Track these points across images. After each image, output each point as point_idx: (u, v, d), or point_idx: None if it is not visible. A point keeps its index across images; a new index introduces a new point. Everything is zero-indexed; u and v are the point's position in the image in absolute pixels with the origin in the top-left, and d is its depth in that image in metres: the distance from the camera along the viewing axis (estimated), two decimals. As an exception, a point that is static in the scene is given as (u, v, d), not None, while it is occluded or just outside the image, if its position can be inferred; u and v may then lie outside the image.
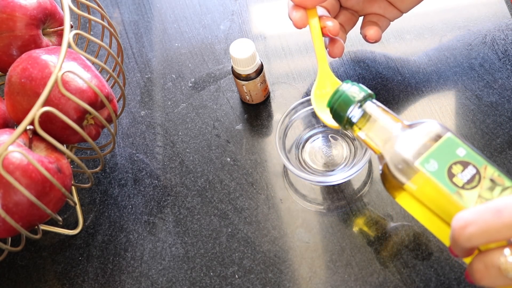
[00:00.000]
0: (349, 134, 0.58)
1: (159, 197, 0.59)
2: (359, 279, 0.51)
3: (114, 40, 0.68)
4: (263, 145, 0.60)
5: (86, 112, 0.50)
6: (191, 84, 0.66)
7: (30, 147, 0.48)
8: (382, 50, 0.64)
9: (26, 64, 0.49)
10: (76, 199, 0.59)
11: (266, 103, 0.63)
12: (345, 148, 0.58)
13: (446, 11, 0.65)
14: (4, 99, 0.53)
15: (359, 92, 0.45)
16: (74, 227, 0.58)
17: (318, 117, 0.54)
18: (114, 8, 0.74)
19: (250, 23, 0.69)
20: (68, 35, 0.47)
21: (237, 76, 0.59)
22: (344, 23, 0.58)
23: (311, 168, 0.57)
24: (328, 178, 0.54)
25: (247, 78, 0.58)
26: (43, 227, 0.57)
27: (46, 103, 0.46)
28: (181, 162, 0.60)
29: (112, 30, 0.55)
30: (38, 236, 0.51)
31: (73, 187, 0.59)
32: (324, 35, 0.54)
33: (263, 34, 0.68)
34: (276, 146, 0.55)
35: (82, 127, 0.51)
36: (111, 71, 0.53)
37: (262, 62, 0.59)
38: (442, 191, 0.39)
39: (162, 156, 0.61)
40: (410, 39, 0.64)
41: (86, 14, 0.51)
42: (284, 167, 0.58)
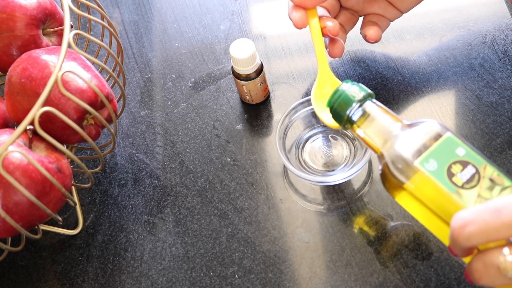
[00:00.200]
0: (349, 134, 0.58)
1: (159, 197, 0.59)
2: (359, 279, 0.51)
3: (114, 40, 0.68)
4: (263, 145, 0.60)
5: (86, 112, 0.50)
6: (191, 84, 0.66)
7: (30, 147, 0.48)
8: (382, 50, 0.64)
9: (26, 64, 0.49)
10: (76, 199, 0.59)
11: (266, 103, 0.63)
12: (345, 148, 0.58)
13: (446, 11, 0.65)
14: (4, 99, 0.53)
15: (359, 92, 0.45)
16: (74, 227, 0.58)
17: (318, 117, 0.54)
18: (114, 8, 0.74)
19: (250, 23, 0.69)
20: (68, 35, 0.47)
21: (237, 76, 0.59)
22: (344, 23, 0.58)
23: (311, 168, 0.57)
24: (328, 178, 0.54)
25: (247, 78, 0.58)
26: (43, 227, 0.57)
27: (46, 103, 0.46)
28: (181, 162, 0.60)
29: (112, 30, 0.55)
30: (38, 236, 0.51)
31: (73, 187, 0.59)
32: (324, 35, 0.54)
33: (263, 34, 0.68)
34: (276, 146, 0.55)
35: (82, 127, 0.51)
36: (111, 71, 0.53)
37: (262, 62, 0.59)
38: (442, 190, 0.39)
39: (162, 156, 0.61)
40: (410, 39, 0.64)
41: (86, 14, 0.51)
42: (284, 167, 0.58)
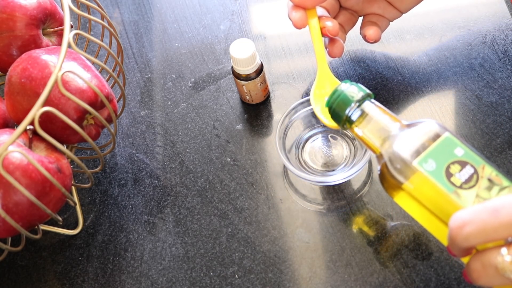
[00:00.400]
0: (349, 134, 0.58)
1: (159, 197, 0.59)
2: (359, 279, 0.51)
3: (114, 40, 0.68)
4: (263, 145, 0.60)
5: (86, 112, 0.50)
6: (191, 84, 0.66)
7: (30, 147, 0.48)
8: (382, 50, 0.64)
9: (26, 64, 0.49)
10: (76, 199, 0.59)
11: (266, 103, 0.63)
12: (345, 148, 0.58)
13: (446, 11, 0.65)
14: (4, 99, 0.53)
15: (358, 92, 0.45)
16: (74, 227, 0.58)
17: (317, 117, 0.54)
18: (114, 8, 0.74)
19: (250, 23, 0.69)
20: (68, 35, 0.47)
21: (237, 76, 0.59)
22: (344, 23, 0.58)
23: (311, 168, 0.57)
24: (328, 178, 0.54)
25: (247, 78, 0.58)
26: (43, 227, 0.57)
27: (46, 103, 0.46)
28: (181, 162, 0.60)
29: (112, 30, 0.55)
30: (38, 236, 0.51)
31: (73, 187, 0.59)
32: (323, 35, 0.54)
33: (263, 34, 0.68)
34: (276, 146, 0.55)
35: (82, 127, 0.51)
36: (111, 71, 0.53)
37: (262, 62, 0.59)
38: (440, 190, 0.39)
39: (162, 156, 0.61)
40: (410, 39, 0.64)
41: (86, 14, 0.51)
42: (284, 167, 0.58)
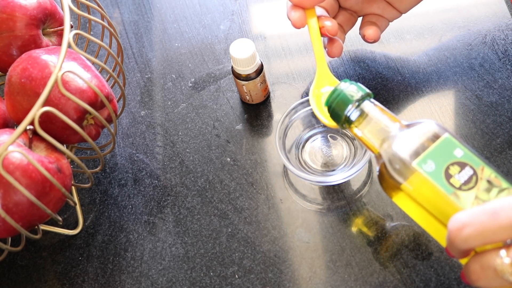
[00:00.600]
0: (348, 134, 0.58)
1: (159, 197, 0.59)
2: (359, 279, 0.51)
3: (114, 40, 0.68)
4: (263, 145, 0.60)
5: (86, 112, 0.50)
6: (191, 84, 0.66)
7: (30, 147, 0.48)
8: (382, 50, 0.64)
9: (26, 64, 0.49)
10: (76, 199, 0.59)
11: (266, 103, 0.63)
12: (345, 148, 0.58)
13: (446, 11, 0.65)
14: (4, 99, 0.53)
15: (357, 92, 0.45)
16: (74, 227, 0.58)
17: (316, 117, 0.54)
18: (114, 8, 0.74)
19: (250, 23, 0.69)
20: (68, 35, 0.47)
21: (237, 76, 0.59)
22: (343, 24, 0.58)
23: (311, 168, 0.57)
24: (328, 178, 0.54)
25: (247, 78, 0.58)
26: (43, 227, 0.57)
27: (46, 103, 0.46)
28: (181, 162, 0.60)
29: (112, 30, 0.55)
30: (38, 236, 0.51)
31: (73, 187, 0.59)
32: (322, 35, 0.54)
33: (263, 34, 0.68)
34: (276, 146, 0.55)
35: (82, 127, 0.51)
36: (111, 71, 0.53)
37: (262, 62, 0.59)
38: (439, 192, 0.39)
39: (162, 156, 0.61)
40: (410, 39, 0.64)
41: (86, 14, 0.51)
42: (284, 167, 0.58)
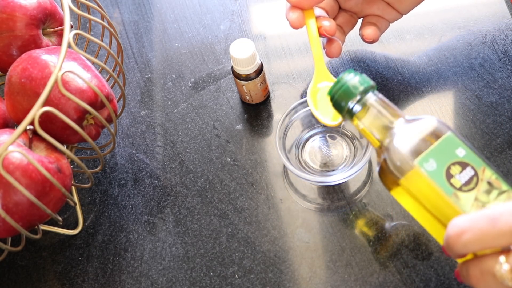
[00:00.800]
0: (349, 134, 0.58)
1: (159, 197, 0.59)
2: (359, 279, 0.51)
3: (114, 40, 0.68)
4: (263, 145, 0.60)
5: (86, 112, 0.50)
6: (191, 84, 0.66)
7: (30, 147, 0.48)
8: (382, 50, 0.64)
9: (26, 64, 0.49)
10: (76, 199, 0.59)
11: (266, 103, 0.63)
12: (345, 148, 0.58)
13: (446, 11, 0.65)
14: (4, 99, 0.53)
15: (361, 84, 0.44)
16: (74, 227, 0.58)
17: (314, 116, 0.53)
18: (114, 8, 0.74)
19: (250, 23, 0.69)
20: (68, 35, 0.47)
21: (237, 76, 0.59)
22: (343, 25, 0.58)
23: (311, 168, 0.57)
24: (328, 178, 0.54)
25: (247, 78, 0.58)
26: (43, 227, 0.57)
27: (46, 103, 0.46)
28: (181, 162, 0.60)
29: (112, 30, 0.55)
30: (38, 236, 0.51)
31: (73, 187, 0.59)
32: (321, 35, 0.54)
33: (263, 34, 0.68)
34: (276, 146, 0.55)
35: (82, 127, 0.51)
36: (111, 71, 0.53)
37: (262, 62, 0.59)
38: (439, 191, 0.39)
39: (162, 156, 0.61)
40: (410, 39, 0.64)
41: (86, 14, 0.51)
42: (284, 167, 0.58)
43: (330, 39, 0.56)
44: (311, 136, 0.59)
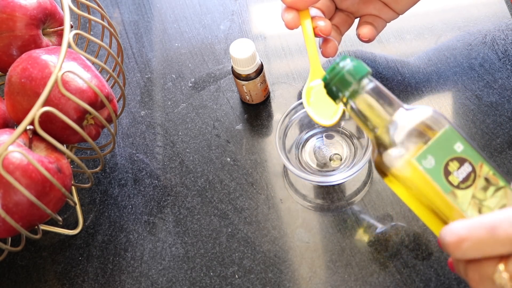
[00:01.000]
0: (348, 134, 0.58)
1: (159, 197, 0.59)
2: (359, 279, 0.51)
3: (114, 40, 0.68)
4: (263, 145, 0.60)
5: (86, 112, 0.50)
6: (191, 84, 0.66)
7: (30, 147, 0.48)
8: (382, 50, 0.64)
9: (26, 64, 0.49)
10: (76, 199, 0.59)
11: (266, 103, 0.63)
12: (345, 148, 0.58)
13: (446, 11, 0.65)
14: (4, 99, 0.53)
15: (358, 73, 0.41)
16: (74, 227, 0.58)
17: (310, 117, 0.53)
18: (114, 8, 0.74)
19: (250, 23, 0.69)
20: (68, 35, 0.47)
21: (237, 76, 0.59)
22: (339, 25, 0.58)
23: (311, 168, 0.57)
24: (328, 178, 0.54)
25: (247, 78, 0.58)
26: (43, 227, 0.57)
27: (46, 103, 0.46)
28: (181, 162, 0.60)
29: (112, 30, 0.55)
30: (38, 236, 0.51)
31: (73, 187, 0.59)
32: (316, 35, 0.54)
33: (263, 34, 0.68)
34: (276, 146, 0.55)
35: (82, 127, 0.51)
36: (111, 71, 0.53)
37: (262, 62, 0.59)
38: (437, 189, 0.39)
39: (162, 156, 0.61)
40: (410, 39, 0.64)
41: (86, 14, 0.51)
42: (284, 167, 0.58)
43: (326, 39, 0.56)
44: (311, 136, 0.59)
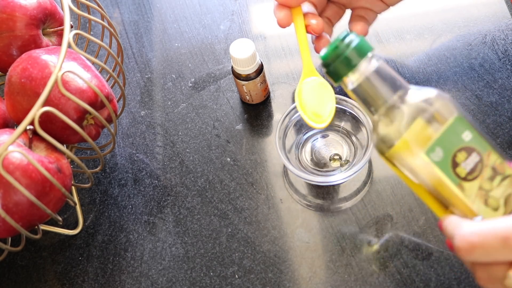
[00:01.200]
0: (348, 134, 0.58)
1: (159, 197, 0.59)
2: (359, 279, 0.51)
3: (114, 40, 0.68)
4: (263, 145, 0.60)
5: (86, 112, 0.50)
6: (191, 84, 0.66)
7: (30, 147, 0.48)
8: (382, 50, 0.64)
9: (26, 64, 0.49)
10: (76, 199, 0.59)
11: (266, 103, 0.63)
12: (344, 148, 0.58)
13: (446, 11, 0.65)
14: (4, 99, 0.53)
15: (361, 54, 0.39)
16: (74, 227, 0.58)
17: (303, 118, 0.52)
18: (114, 8, 0.74)
19: (250, 23, 0.69)
20: (68, 35, 0.47)
21: (237, 76, 0.59)
22: (331, 17, 0.58)
23: (311, 168, 0.57)
24: (328, 178, 0.54)
25: (247, 78, 0.58)
26: (43, 227, 0.57)
27: (46, 103, 0.46)
28: (181, 162, 0.60)
29: (112, 30, 0.55)
30: (38, 236, 0.51)
31: (73, 187, 0.59)
32: (308, 32, 0.54)
33: (263, 34, 0.68)
34: (276, 146, 0.55)
35: (82, 127, 0.51)
36: (111, 71, 0.53)
37: (262, 62, 0.59)
38: (444, 181, 0.38)
39: (162, 156, 0.61)
40: (410, 39, 0.64)
41: (86, 14, 0.51)
42: (284, 167, 0.58)
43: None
44: (311, 136, 0.59)
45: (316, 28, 0.53)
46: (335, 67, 0.40)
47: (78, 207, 0.59)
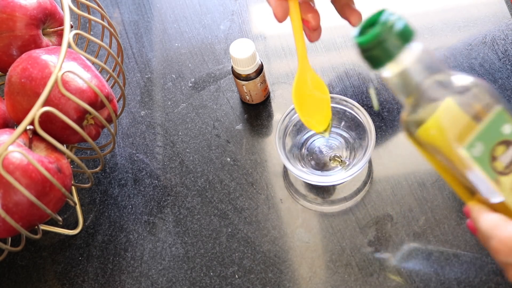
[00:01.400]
0: (348, 133, 0.58)
1: (159, 197, 0.59)
2: (359, 279, 0.51)
3: (114, 40, 0.68)
4: (263, 145, 0.60)
5: (86, 112, 0.50)
6: (191, 84, 0.66)
7: (30, 147, 0.48)
8: (382, 50, 0.63)
9: (26, 64, 0.49)
10: (76, 199, 0.59)
11: (266, 103, 0.63)
12: (344, 148, 0.58)
13: (446, 11, 0.65)
14: (4, 99, 0.53)
15: (407, 36, 0.36)
16: (74, 227, 0.58)
17: (300, 117, 0.52)
18: (114, 8, 0.74)
19: (250, 23, 0.69)
20: (68, 35, 0.47)
21: (237, 76, 0.59)
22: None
23: (311, 168, 0.57)
24: (328, 178, 0.54)
25: (247, 78, 0.58)
26: (43, 227, 0.57)
27: (46, 103, 0.46)
28: (181, 162, 0.60)
29: (112, 30, 0.55)
30: (38, 236, 0.51)
31: (73, 187, 0.59)
32: (304, 24, 0.52)
33: (263, 34, 0.68)
34: (276, 146, 0.55)
35: (82, 127, 0.51)
36: (111, 71, 0.53)
37: (262, 62, 0.59)
38: (480, 175, 0.36)
39: (162, 156, 0.61)
40: (410, 39, 0.64)
41: (86, 14, 0.51)
42: (284, 167, 0.58)
43: None
44: (311, 136, 0.59)
45: (314, 25, 0.52)
46: (377, 54, 0.36)
47: (78, 207, 0.59)
